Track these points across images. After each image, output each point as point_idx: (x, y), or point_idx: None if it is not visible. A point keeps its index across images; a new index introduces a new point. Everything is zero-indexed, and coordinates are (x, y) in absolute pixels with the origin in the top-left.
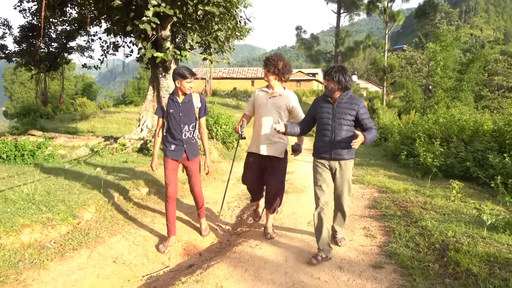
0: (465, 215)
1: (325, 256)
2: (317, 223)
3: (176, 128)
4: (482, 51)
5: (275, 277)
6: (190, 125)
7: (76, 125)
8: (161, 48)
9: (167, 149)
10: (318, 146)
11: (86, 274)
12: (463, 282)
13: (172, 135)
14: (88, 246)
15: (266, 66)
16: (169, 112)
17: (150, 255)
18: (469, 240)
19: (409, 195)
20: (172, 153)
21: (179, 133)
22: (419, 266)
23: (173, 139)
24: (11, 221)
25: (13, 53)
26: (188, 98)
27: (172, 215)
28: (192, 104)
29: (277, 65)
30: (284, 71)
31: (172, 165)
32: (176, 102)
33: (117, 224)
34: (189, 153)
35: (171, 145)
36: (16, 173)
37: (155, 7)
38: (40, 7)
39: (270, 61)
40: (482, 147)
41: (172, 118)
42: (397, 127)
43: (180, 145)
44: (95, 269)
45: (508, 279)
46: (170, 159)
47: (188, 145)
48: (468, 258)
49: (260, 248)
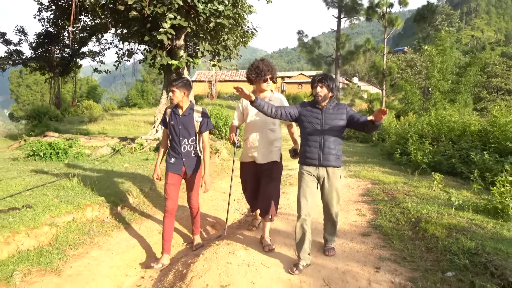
0: (441, 200)
1: (306, 264)
2: (299, 235)
3: (176, 141)
4: (479, 55)
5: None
6: (189, 138)
7: (86, 127)
8: (175, 56)
9: (168, 162)
10: (305, 153)
11: (141, 241)
12: (427, 241)
13: (173, 147)
14: (136, 222)
15: (261, 75)
16: (170, 124)
17: (186, 228)
18: (438, 215)
19: (398, 186)
20: (171, 166)
21: (178, 145)
22: (397, 233)
23: (173, 152)
24: (76, 202)
25: (29, 59)
26: (189, 112)
27: (169, 231)
28: (192, 117)
29: (273, 72)
30: (275, 75)
31: (172, 179)
32: (177, 115)
33: (155, 206)
34: (188, 167)
35: (171, 158)
36: (55, 168)
37: (171, 20)
38: (56, 16)
39: (263, 69)
40: (467, 146)
41: (173, 130)
42: (394, 128)
43: (179, 159)
44: (146, 237)
45: (459, 238)
46: (170, 173)
47: (187, 159)
48: (434, 226)
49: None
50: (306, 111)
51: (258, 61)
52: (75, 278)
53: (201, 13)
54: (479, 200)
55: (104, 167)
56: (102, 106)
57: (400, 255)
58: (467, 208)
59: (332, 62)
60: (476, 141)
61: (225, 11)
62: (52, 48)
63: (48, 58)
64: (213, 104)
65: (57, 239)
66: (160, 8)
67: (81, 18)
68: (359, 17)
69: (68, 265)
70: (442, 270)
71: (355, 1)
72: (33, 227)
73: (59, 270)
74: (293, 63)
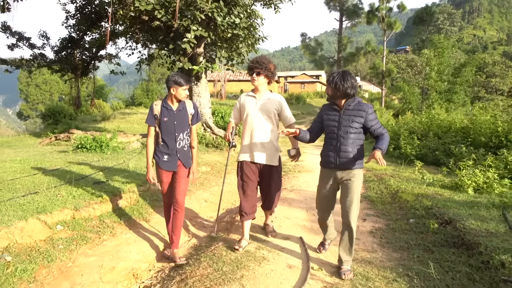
0: (418, 180)
1: (330, 241)
2: (321, 224)
3: (170, 137)
4: (473, 56)
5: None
6: (184, 132)
7: (102, 125)
8: (195, 61)
9: (160, 160)
10: (324, 155)
11: (192, 207)
12: (401, 204)
13: (165, 145)
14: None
15: (256, 69)
16: (162, 121)
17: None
18: (411, 188)
19: (387, 171)
20: (166, 164)
21: (173, 142)
22: (380, 200)
23: (165, 149)
24: (141, 180)
25: (53, 61)
26: (183, 105)
27: (180, 225)
28: (186, 111)
29: (269, 67)
30: (274, 73)
31: (167, 177)
32: (170, 110)
33: (194, 186)
34: (184, 161)
35: (164, 156)
36: (102, 158)
37: (194, 31)
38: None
39: (260, 64)
40: (450, 140)
41: (166, 126)
42: (390, 126)
43: (173, 155)
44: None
45: (422, 201)
46: (165, 171)
47: (182, 154)
48: (406, 195)
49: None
50: (325, 115)
51: (256, 57)
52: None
53: (220, 25)
54: (447, 180)
55: (143, 157)
56: (110, 105)
57: (380, 212)
58: (435, 185)
59: (334, 63)
60: (459, 137)
61: (241, 24)
62: (75, 52)
63: (70, 60)
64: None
65: (138, 201)
66: (186, 21)
67: (102, 24)
68: (359, 19)
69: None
70: (407, 219)
71: (356, 5)
72: (114, 195)
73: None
74: (295, 62)
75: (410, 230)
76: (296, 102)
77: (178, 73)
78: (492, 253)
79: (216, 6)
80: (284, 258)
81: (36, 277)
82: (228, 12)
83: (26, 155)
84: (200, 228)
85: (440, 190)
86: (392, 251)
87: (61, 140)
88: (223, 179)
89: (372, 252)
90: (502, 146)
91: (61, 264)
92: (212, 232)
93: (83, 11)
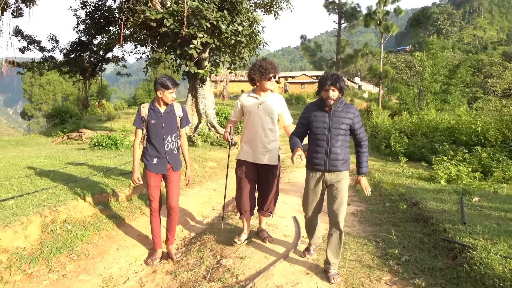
0: (400, 173)
1: (315, 247)
2: (307, 227)
3: (158, 140)
4: (467, 57)
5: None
6: (172, 135)
7: (108, 125)
8: (201, 65)
9: (149, 163)
10: (312, 158)
11: (204, 195)
12: (380, 191)
13: (153, 148)
14: (199, 184)
15: (265, 73)
16: (150, 123)
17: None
18: (392, 180)
19: (374, 166)
20: (154, 167)
21: (161, 144)
22: None
23: (154, 152)
24: None
25: (62, 63)
26: (170, 108)
27: (157, 229)
28: (174, 114)
29: (275, 70)
30: (278, 74)
31: (155, 180)
32: (158, 112)
33: (204, 178)
34: (173, 165)
35: (153, 159)
36: (118, 154)
37: (200, 38)
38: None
39: (267, 68)
40: (436, 139)
41: (154, 129)
42: (385, 126)
43: (163, 158)
44: (206, 194)
45: (398, 189)
46: (153, 174)
47: (171, 157)
48: (386, 184)
49: None
50: (313, 116)
51: (261, 60)
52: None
53: (224, 32)
54: (425, 173)
55: None
56: (113, 105)
57: (363, 199)
58: (414, 177)
59: (333, 65)
60: (445, 136)
61: (243, 31)
62: (84, 55)
63: (79, 63)
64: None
65: None
66: (192, 29)
67: (110, 29)
68: (358, 22)
69: None
70: (384, 203)
71: (354, 8)
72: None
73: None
74: (295, 62)
75: (385, 211)
76: (296, 102)
77: (166, 76)
78: (439, 224)
79: (220, 15)
80: (281, 230)
81: (91, 240)
82: (231, 21)
83: (46, 152)
84: (211, 211)
85: (417, 181)
86: (367, 226)
87: (73, 139)
88: (225, 177)
89: (351, 227)
90: (480, 144)
91: (108, 232)
92: (219, 226)
93: (93, 16)
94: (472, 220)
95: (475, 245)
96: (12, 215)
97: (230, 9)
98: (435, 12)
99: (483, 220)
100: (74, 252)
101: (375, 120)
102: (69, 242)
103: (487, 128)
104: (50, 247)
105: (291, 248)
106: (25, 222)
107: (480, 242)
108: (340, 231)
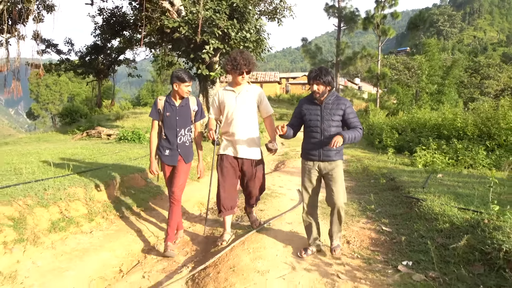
0: (386, 161)
1: (315, 250)
2: (306, 223)
3: (172, 132)
4: (458, 59)
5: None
6: (186, 128)
7: (120, 124)
8: (212, 68)
9: (162, 154)
10: (306, 148)
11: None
12: (368, 173)
13: (166, 139)
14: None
15: (237, 68)
16: (165, 115)
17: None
18: (377, 165)
19: (366, 157)
20: (167, 159)
21: (174, 137)
22: (355, 171)
23: (167, 144)
24: None
25: (78, 65)
26: (185, 102)
27: (175, 219)
28: (189, 107)
29: (250, 65)
30: (253, 69)
31: (168, 171)
32: (173, 105)
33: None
34: (185, 156)
35: (166, 150)
36: (142, 146)
37: (213, 44)
38: (104, 32)
39: (239, 62)
40: (423, 134)
41: (168, 121)
42: (379, 124)
43: (174, 150)
44: None
45: (382, 170)
46: (166, 165)
47: (183, 149)
48: (373, 168)
49: None
50: (305, 109)
51: (236, 52)
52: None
53: (233, 38)
54: (407, 160)
55: None
56: (119, 105)
57: (354, 178)
58: (397, 163)
59: (333, 67)
60: (432, 131)
61: (251, 38)
62: (99, 57)
63: (94, 65)
64: None
65: None
66: (205, 36)
67: (124, 33)
68: (357, 25)
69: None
70: (369, 180)
71: (353, 12)
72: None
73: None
74: (296, 62)
75: (369, 185)
76: (297, 102)
77: (182, 69)
78: (405, 189)
79: (230, 23)
80: (288, 196)
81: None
82: (240, 28)
83: (76, 146)
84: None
85: (399, 165)
86: (354, 194)
87: (92, 136)
88: (210, 176)
89: None
90: (460, 138)
91: (162, 196)
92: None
93: (108, 22)
94: (431, 187)
95: (426, 199)
96: (99, 178)
97: (239, 18)
98: (436, 13)
99: (438, 187)
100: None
101: (372, 119)
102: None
103: (466, 124)
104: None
105: (297, 205)
106: (109, 182)
107: (429, 197)
108: (339, 214)
